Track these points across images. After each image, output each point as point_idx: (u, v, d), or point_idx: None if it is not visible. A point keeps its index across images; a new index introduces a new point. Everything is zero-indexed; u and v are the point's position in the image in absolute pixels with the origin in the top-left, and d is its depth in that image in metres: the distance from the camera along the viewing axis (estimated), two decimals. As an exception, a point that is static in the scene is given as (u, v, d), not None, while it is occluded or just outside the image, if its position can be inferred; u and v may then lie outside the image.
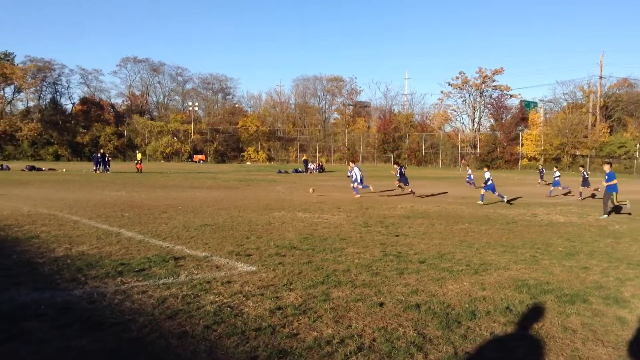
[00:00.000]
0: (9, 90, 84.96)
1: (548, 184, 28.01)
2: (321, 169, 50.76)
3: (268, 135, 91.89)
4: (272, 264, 7.59)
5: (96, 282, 6.40)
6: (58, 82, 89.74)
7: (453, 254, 8.76)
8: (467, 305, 5.68)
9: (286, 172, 45.97)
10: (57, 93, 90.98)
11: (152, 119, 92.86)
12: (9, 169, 42.14)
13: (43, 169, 43.48)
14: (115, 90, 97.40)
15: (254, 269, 7.32)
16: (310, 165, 49.71)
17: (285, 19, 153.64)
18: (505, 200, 18.20)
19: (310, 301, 5.75)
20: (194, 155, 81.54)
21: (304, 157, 53.96)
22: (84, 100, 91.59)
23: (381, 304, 5.66)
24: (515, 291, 6.32)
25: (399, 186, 21.34)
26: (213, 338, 4.56)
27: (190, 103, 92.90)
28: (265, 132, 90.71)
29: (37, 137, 78.51)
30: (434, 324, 5.05)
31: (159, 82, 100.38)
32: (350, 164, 21.83)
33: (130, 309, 5.32)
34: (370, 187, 20.69)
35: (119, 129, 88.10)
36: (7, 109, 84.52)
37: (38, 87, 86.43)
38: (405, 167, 25.34)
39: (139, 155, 43.08)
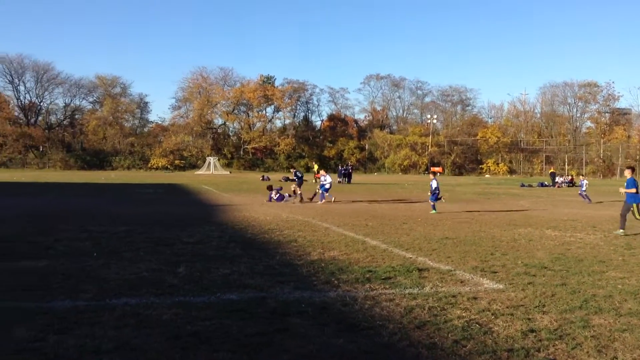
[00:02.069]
0: (270, 110, 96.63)
1: None
2: (571, 183, 46.55)
3: (510, 146, 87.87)
4: (520, 283, 7.18)
5: (347, 286, 6.82)
6: (310, 101, 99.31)
7: None
8: None
9: (530, 185, 43.29)
10: (309, 111, 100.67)
11: (391, 132, 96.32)
12: (268, 179, 47.67)
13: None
14: (358, 107, 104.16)
15: (501, 286, 7.01)
16: (558, 179, 46.01)
17: (528, 23, 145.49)
18: None
19: (566, 326, 5.28)
20: (431, 168, 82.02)
21: (551, 170, 50.25)
22: (331, 117, 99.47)
23: (655, 339, 4.92)
24: None
25: None
26: (463, 354, 4.48)
27: (428, 116, 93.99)
28: (506, 143, 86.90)
29: (291, 151, 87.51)
30: None
31: (399, 97, 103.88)
32: (431, 175, 19.79)
33: (380, 315, 5.55)
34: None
35: (361, 142, 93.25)
36: (268, 126, 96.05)
37: (293, 106, 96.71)
38: None
39: (315, 167, 45.00)
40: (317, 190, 21.68)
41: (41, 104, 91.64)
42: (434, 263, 8.60)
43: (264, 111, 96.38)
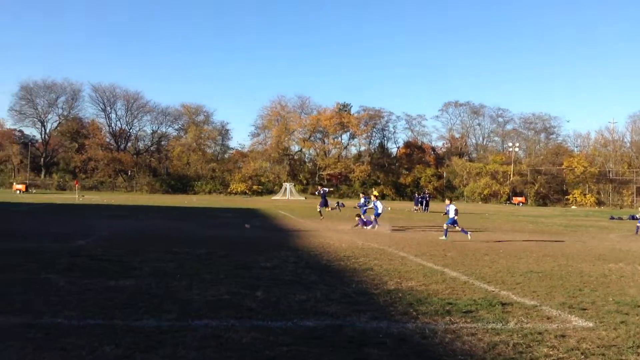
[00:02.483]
0: (345, 137, 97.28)
1: None
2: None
3: (597, 177, 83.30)
4: (612, 322, 6.72)
5: (426, 318, 6.64)
6: (386, 128, 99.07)
7: None
8: None
9: (620, 218, 40.74)
10: (385, 138, 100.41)
11: (470, 160, 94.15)
12: (343, 205, 47.73)
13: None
14: (436, 134, 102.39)
15: (591, 324, 6.59)
16: (651, 212, 43.01)
17: (615, 50, 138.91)
18: None
19: (667, 372, 4.87)
20: (513, 198, 79.17)
21: (643, 202, 47.14)
22: (407, 144, 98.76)
23: None
24: None
25: None
26: (552, 396, 4.23)
27: (510, 144, 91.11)
28: (594, 173, 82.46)
29: (366, 178, 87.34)
30: None
31: (479, 124, 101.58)
32: (447, 200, 19.82)
33: (461, 350, 5.35)
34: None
35: (439, 170, 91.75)
36: (343, 153, 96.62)
37: (369, 133, 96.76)
38: None
39: (375, 192, 43.87)
40: (371, 217, 21.67)
41: (130, 130, 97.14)
42: (518, 297, 8.23)
43: (340, 138, 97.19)
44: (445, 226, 18.03)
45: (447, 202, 19.42)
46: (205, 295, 7.56)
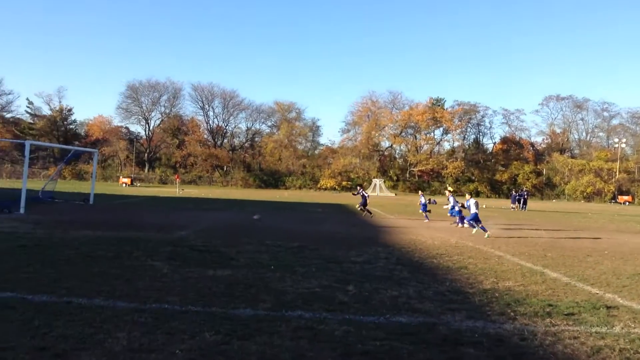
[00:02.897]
0: (438, 132, 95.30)
1: None
2: None
3: None
4: None
5: (525, 320, 6.38)
6: (481, 123, 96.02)
7: None
8: None
9: None
10: (480, 133, 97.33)
11: (572, 157, 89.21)
12: (435, 202, 46.80)
13: (465, 204, 46.48)
14: (535, 129, 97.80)
15: None
16: None
17: None
18: None
19: None
20: (619, 196, 74.07)
21: None
22: (504, 140, 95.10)
23: None
24: None
25: None
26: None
27: (616, 140, 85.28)
28: None
29: (460, 175, 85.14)
30: None
31: (582, 119, 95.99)
32: (467, 195, 19.36)
33: (562, 353, 5.10)
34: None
35: (538, 167, 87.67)
36: (436, 149, 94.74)
37: (463, 129, 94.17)
38: None
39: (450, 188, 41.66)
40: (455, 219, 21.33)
41: (227, 127, 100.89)
42: (625, 301, 7.70)
43: (432, 134, 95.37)
44: (467, 223, 18.64)
45: (467, 196, 19.42)
46: (298, 287, 7.71)
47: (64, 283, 7.29)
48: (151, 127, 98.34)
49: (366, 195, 26.44)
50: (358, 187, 27.86)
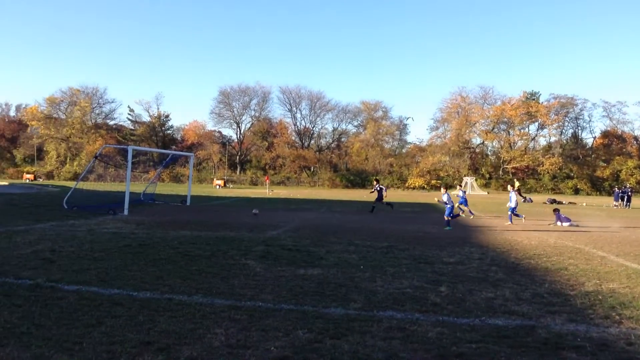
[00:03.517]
0: (533, 128, 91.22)
1: None
2: None
3: None
4: None
5: (632, 323, 5.98)
6: (580, 117, 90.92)
7: None
8: None
9: None
10: (578, 127, 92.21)
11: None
12: (531, 201, 44.90)
13: (564, 202, 44.35)
14: (639, 122, 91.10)
15: None
16: None
17: None
18: None
19: None
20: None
21: None
22: (605, 134, 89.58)
23: None
24: None
25: None
26: None
27: None
28: None
29: (557, 171, 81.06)
30: None
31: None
32: (509, 187, 20.93)
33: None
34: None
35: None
36: (531, 144, 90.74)
37: (560, 123, 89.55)
38: None
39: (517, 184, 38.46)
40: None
41: (313, 128, 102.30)
42: None
43: (527, 129, 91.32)
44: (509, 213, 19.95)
45: (510, 188, 20.62)
46: (389, 287, 7.66)
47: (165, 280, 7.70)
48: (242, 131, 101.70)
49: (383, 188, 26.12)
50: (375, 183, 27.37)
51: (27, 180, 73.01)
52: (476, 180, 76.77)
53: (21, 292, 6.68)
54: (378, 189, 26.07)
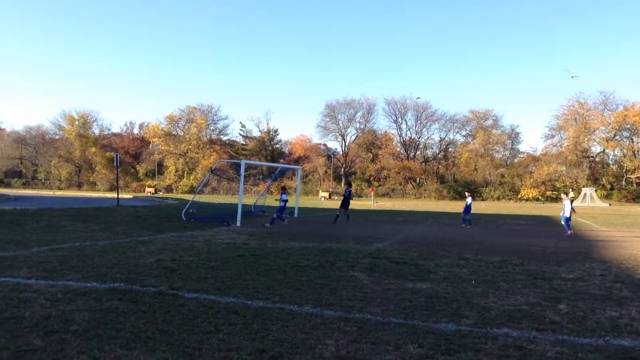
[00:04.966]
0: None
1: None
2: None
3: None
4: None
5: None
6: None
7: None
8: None
9: None
10: None
11: None
12: None
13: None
14: None
15: None
16: None
17: None
18: None
19: None
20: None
21: None
22: None
23: None
24: None
25: None
26: None
27: None
28: None
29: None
30: None
31: None
32: (563, 195, 20.76)
33: None
34: None
35: None
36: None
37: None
38: None
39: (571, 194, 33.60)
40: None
41: (419, 139, 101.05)
42: None
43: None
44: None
45: (564, 197, 20.49)
46: (503, 303, 7.36)
47: (276, 290, 7.94)
48: (347, 143, 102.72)
49: (351, 192, 22.75)
50: (346, 186, 24.45)
51: (149, 194, 78.46)
52: (596, 191, 71.70)
53: (146, 299, 7.17)
54: (346, 193, 23.16)
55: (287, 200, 20.98)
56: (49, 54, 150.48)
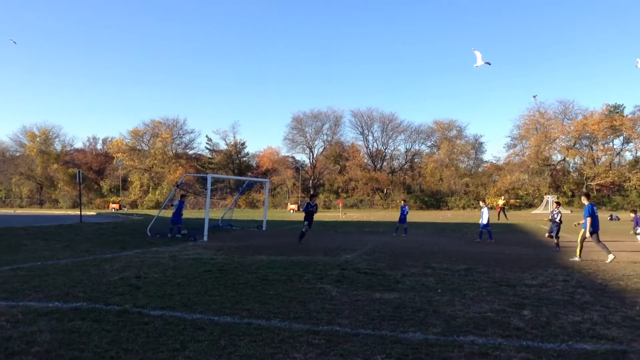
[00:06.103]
0: (617, 142, 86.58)
1: None
2: None
3: None
4: None
5: None
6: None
7: None
8: None
9: None
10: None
11: None
12: (618, 219, 42.47)
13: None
14: None
15: None
16: None
17: None
18: None
19: None
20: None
21: None
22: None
23: None
24: None
25: None
26: None
27: None
28: None
29: (646, 187, 76.29)
30: None
31: None
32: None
33: None
34: None
35: None
36: (616, 160, 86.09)
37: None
38: None
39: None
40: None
41: (386, 150, 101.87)
42: None
43: (611, 143, 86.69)
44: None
45: (482, 204, 21.66)
46: (469, 311, 7.47)
47: (244, 305, 7.88)
48: (315, 155, 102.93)
49: (314, 205, 20.62)
50: (309, 198, 21.12)
51: (113, 210, 76.94)
52: (557, 198, 73.51)
53: (110, 317, 7.03)
54: (307, 208, 20.68)
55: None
56: (4, 69, 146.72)
